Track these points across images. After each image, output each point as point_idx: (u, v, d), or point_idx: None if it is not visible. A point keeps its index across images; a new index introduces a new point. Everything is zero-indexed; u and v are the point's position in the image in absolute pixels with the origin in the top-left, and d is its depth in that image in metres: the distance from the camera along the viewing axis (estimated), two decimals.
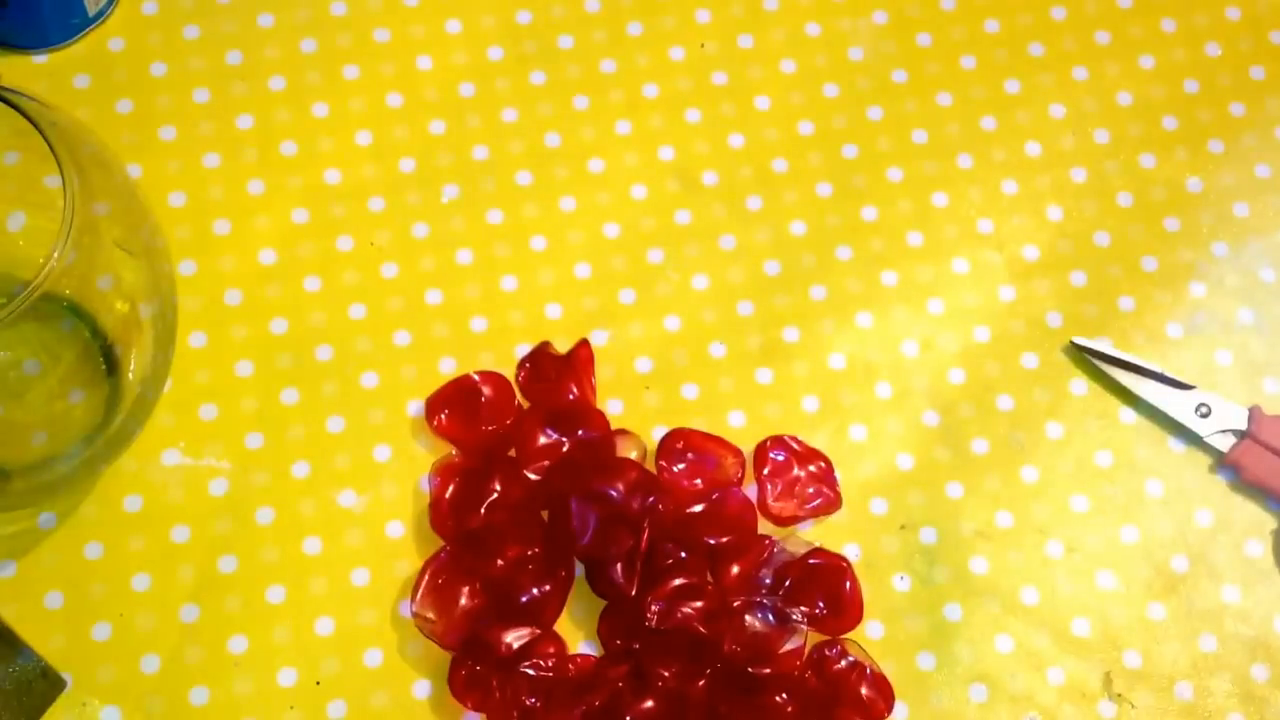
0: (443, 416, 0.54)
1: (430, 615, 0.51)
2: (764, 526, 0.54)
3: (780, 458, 0.54)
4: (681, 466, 0.54)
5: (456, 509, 0.53)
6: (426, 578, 0.52)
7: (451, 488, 0.53)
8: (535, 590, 0.52)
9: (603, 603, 0.53)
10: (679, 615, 0.51)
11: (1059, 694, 0.53)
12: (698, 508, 0.53)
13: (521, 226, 0.58)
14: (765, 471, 0.54)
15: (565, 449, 0.54)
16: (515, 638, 0.51)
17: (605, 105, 0.60)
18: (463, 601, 0.51)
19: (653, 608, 0.51)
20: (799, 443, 0.55)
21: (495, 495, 0.53)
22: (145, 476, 0.54)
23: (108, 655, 0.51)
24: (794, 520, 0.54)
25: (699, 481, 0.54)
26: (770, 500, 0.54)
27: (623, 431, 0.54)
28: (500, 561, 0.52)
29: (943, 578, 0.54)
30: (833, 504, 0.54)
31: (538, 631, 0.51)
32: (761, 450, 0.54)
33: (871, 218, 0.59)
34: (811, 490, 0.54)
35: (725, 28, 0.61)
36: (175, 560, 0.53)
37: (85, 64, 0.59)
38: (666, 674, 0.50)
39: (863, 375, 0.57)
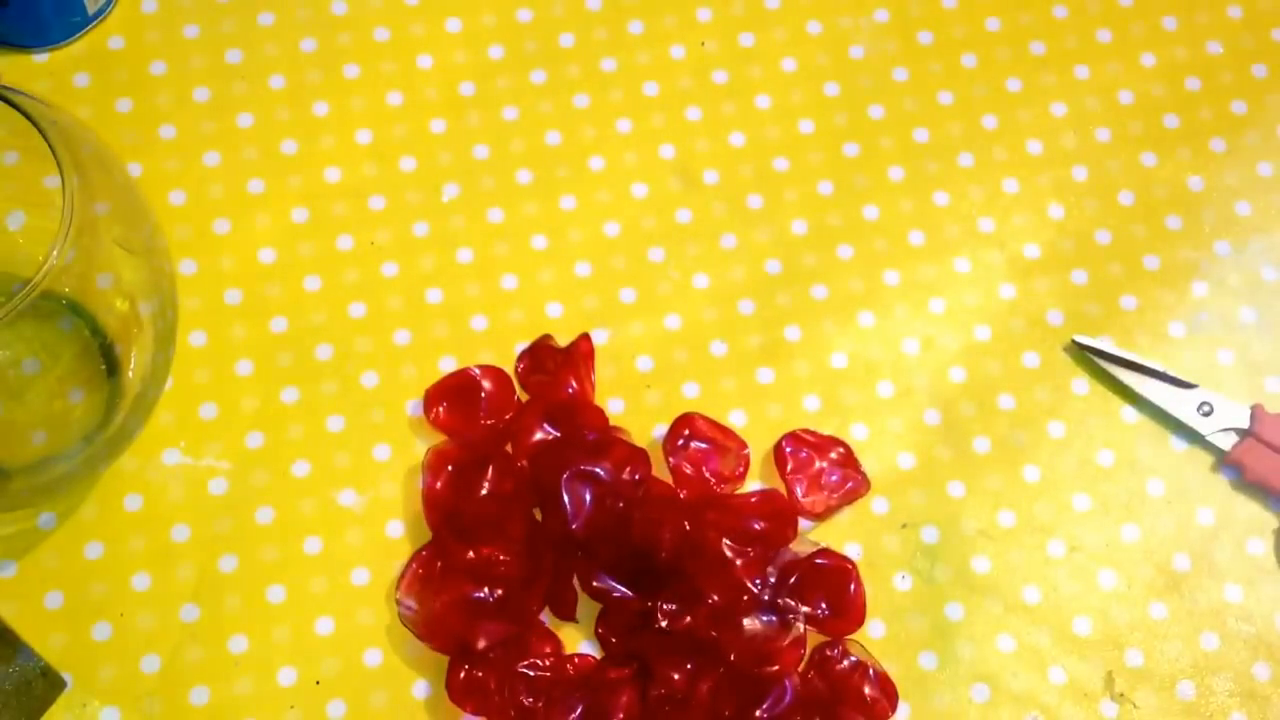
0: (441, 410, 0.54)
1: (411, 604, 0.51)
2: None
3: (802, 454, 0.54)
4: (699, 444, 0.54)
5: (446, 500, 0.53)
6: (411, 567, 0.52)
7: (442, 479, 0.53)
8: (519, 584, 0.51)
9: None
10: (687, 619, 0.51)
11: (1061, 693, 0.53)
12: (753, 497, 0.53)
13: (522, 225, 0.58)
14: (789, 469, 0.54)
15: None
16: (499, 632, 0.51)
17: (606, 104, 0.60)
18: (444, 593, 0.51)
19: (664, 607, 0.51)
20: (812, 433, 0.55)
21: (486, 487, 0.52)
22: (145, 476, 0.54)
23: (108, 655, 0.51)
24: (829, 511, 0.54)
25: (707, 470, 0.53)
26: (800, 497, 0.54)
27: (619, 429, 0.54)
28: (485, 553, 0.51)
29: (944, 577, 0.54)
30: (862, 486, 0.54)
31: (521, 628, 0.51)
32: (779, 451, 0.54)
33: (873, 217, 0.59)
34: (836, 478, 0.54)
35: (726, 26, 0.61)
36: (175, 560, 0.53)
37: (85, 63, 0.59)
38: (676, 676, 0.50)
39: (864, 374, 0.57)
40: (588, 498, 0.52)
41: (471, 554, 0.51)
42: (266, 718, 0.51)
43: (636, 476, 0.52)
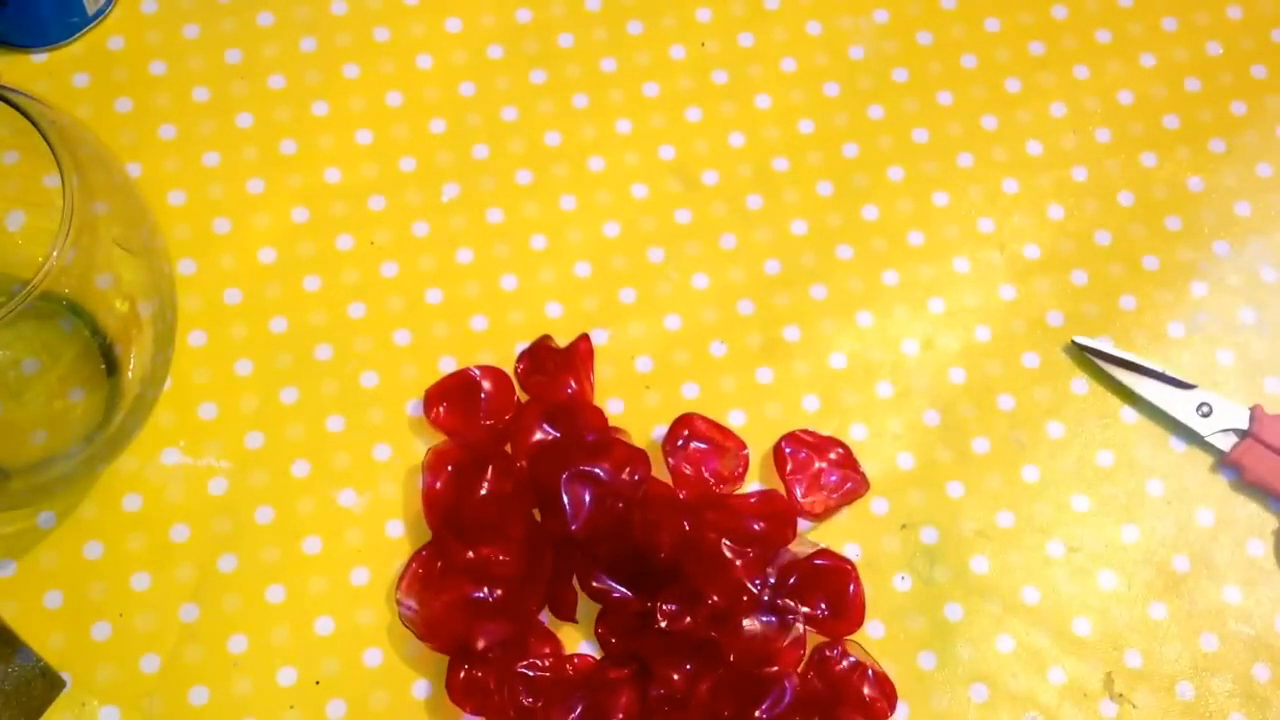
0: (441, 409, 0.54)
1: (411, 604, 0.51)
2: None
3: (801, 454, 0.54)
4: (698, 445, 0.54)
5: (446, 500, 0.53)
6: (411, 567, 0.52)
7: (442, 479, 0.53)
8: (519, 584, 0.51)
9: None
10: (687, 619, 0.51)
11: (1060, 694, 0.53)
12: (752, 498, 0.53)
13: (521, 225, 0.58)
14: (788, 470, 0.54)
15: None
16: (498, 632, 0.51)
17: (605, 104, 0.60)
18: (444, 593, 0.51)
19: (664, 608, 0.51)
20: (811, 434, 0.55)
21: (485, 488, 0.52)
22: (145, 476, 0.54)
23: (107, 655, 0.51)
24: (828, 512, 0.54)
25: (706, 471, 0.53)
26: (800, 498, 0.54)
27: (619, 430, 0.54)
28: (484, 553, 0.51)
29: (944, 577, 0.54)
30: (861, 486, 0.54)
31: (520, 628, 0.51)
32: (779, 452, 0.54)
33: (872, 217, 0.59)
34: (835, 478, 0.54)
35: (726, 26, 0.61)
36: (175, 560, 0.53)
37: (84, 63, 0.59)
38: (676, 676, 0.50)
39: (863, 375, 0.57)
40: (587, 498, 0.52)
41: (471, 554, 0.52)
42: (266, 718, 0.51)
43: (636, 477, 0.52)
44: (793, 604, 0.51)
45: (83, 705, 0.51)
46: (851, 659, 0.51)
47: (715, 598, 0.51)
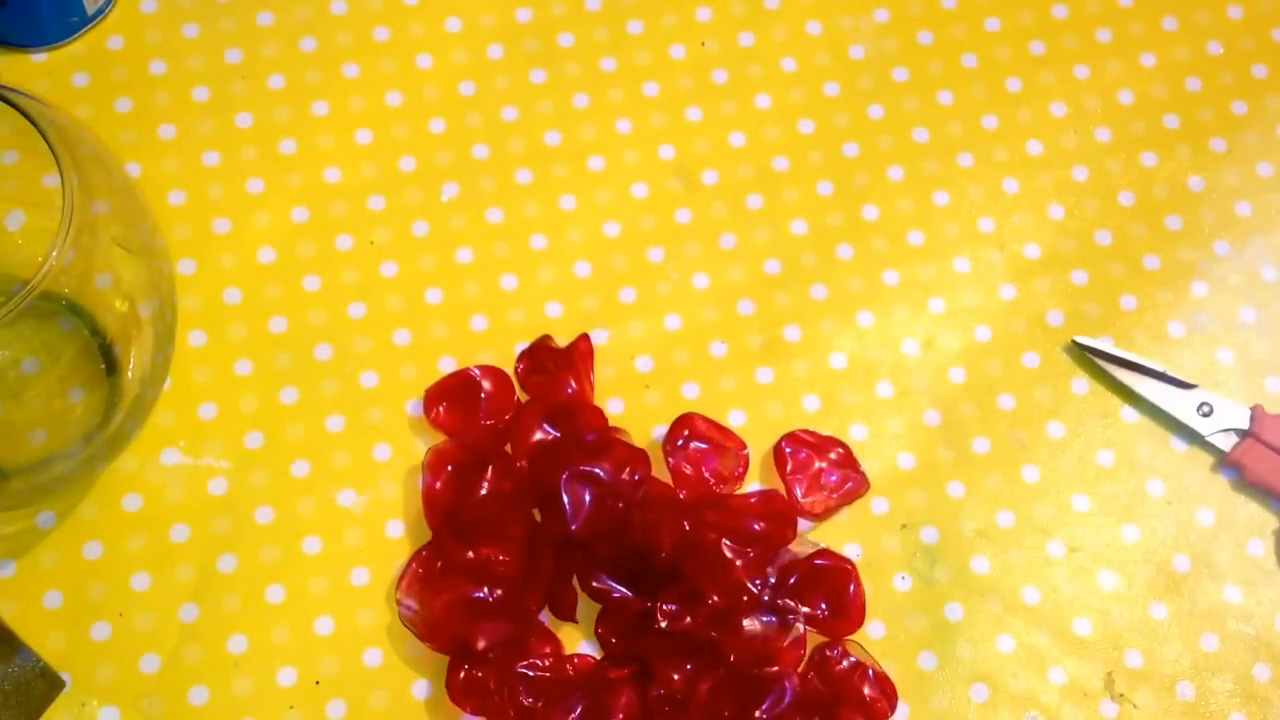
0: (441, 410, 0.54)
1: (411, 604, 0.51)
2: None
3: (801, 454, 0.54)
4: (698, 445, 0.54)
5: (446, 500, 0.53)
6: (411, 567, 0.52)
7: (442, 479, 0.53)
8: (519, 584, 0.51)
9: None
10: (687, 619, 0.51)
11: (1060, 694, 0.53)
12: (752, 498, 0.53)
13: (521, 225, 0.58)
14: (788, 470, 0.54)
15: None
16: (499, 632, 0.51)
17: (605, 103, 0.60)
18: (444, 593, 0.51)
19: (664, 608, 0.51)
20: (811, 434, 0.55)
21: (485, 488, 0.52)
22: (144, 476, 0.54)
23: (107, 655, 0.51)
24: (828, 512, 0.54)
25: (706, 470, 0.53)
26: (800, 498, 0.54)
27: (619, 430, 0.54)
28: (484, 553, 0.51)
29: (944, 577, 0.54)
30: (862, 485, 0.54)
31: (520, 628, 0.51)
32: (779, 451, 0.54)
33: (872, 216, 0.59)
34: (836, 478, 0.54)
35: (726, 26, 0.61)
36: (174, 560, 0.53)
37: (84, 62, 0.59)
38: (676, 676, 0.50)
39: (864, 374, 0.57)
40: (587, 498, 0.52)
41: (471, 554, 0.52)
42: (266, 718, 0.51)
43: (636, 477, 0.52)
44: (793, 604, 0.51)
45: (83, 705, 0.51)
46: (852, 659, 0.51)
47: (715, 598, 0.51)
